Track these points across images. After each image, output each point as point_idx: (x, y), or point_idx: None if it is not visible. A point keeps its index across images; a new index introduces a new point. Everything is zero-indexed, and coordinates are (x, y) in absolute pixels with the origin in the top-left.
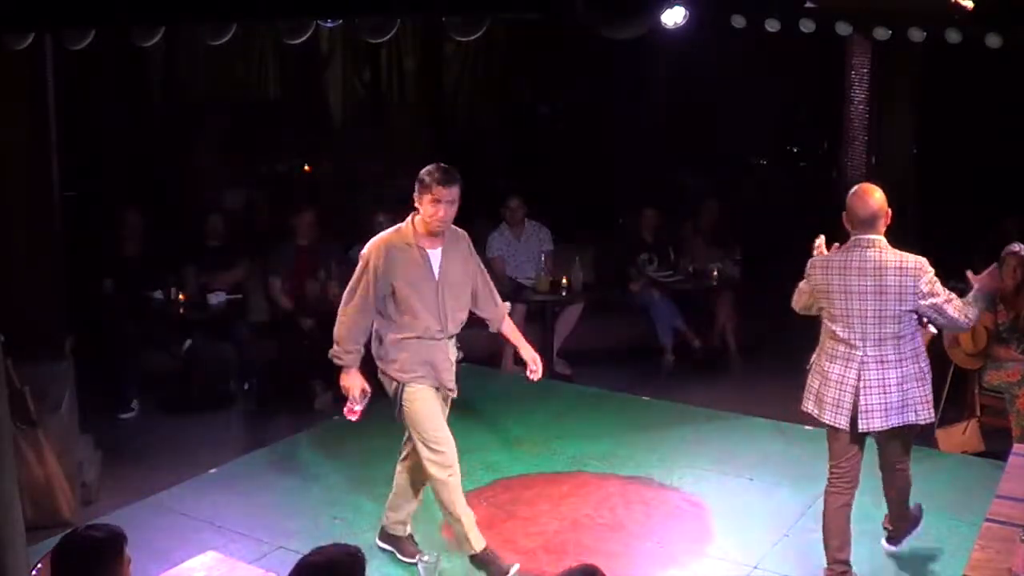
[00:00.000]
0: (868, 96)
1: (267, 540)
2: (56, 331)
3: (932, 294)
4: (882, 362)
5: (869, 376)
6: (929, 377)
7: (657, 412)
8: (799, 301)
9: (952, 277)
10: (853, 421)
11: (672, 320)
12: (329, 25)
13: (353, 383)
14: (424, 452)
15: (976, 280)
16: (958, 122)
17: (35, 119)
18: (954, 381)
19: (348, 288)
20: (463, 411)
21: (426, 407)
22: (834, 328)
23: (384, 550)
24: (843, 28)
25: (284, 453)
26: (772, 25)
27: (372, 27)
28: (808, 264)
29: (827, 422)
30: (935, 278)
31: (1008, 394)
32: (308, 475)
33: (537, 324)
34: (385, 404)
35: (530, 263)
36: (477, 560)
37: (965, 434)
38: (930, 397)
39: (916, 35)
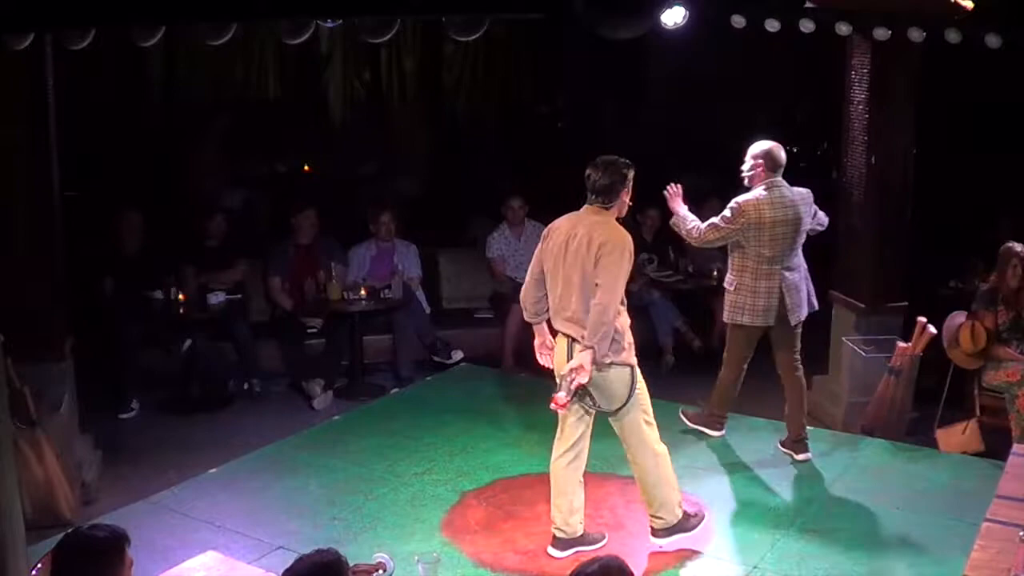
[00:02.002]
0: (868, 96)
1: (267, 540)
2: (56, 331)
3: (816, 209)
4: (791, 269)
5: (787, 282)
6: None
7: (657, 412)
8: (708, 236)
9: (952, 276)
10: (780, 318)
11: (672, 320)
12: (329, 25)
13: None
14: (648, 431)
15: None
16: (958, 122)
17: (35, 119)
18: (954, 381)
19: (619, 287)
20: (463, 411)
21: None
22: (763, 251)
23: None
24: (843, 28)
25: (284, 453)
26: (772, 25)
27: (372, 27)
28: (735, 210)
29: (759, 325)
30: None
31: (1008, 394)
32: (308, 475)
33: None
34: (383, 405)
35: (530, 263)
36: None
37: (965, 434)
38: (813, 290)
39: (916, 35)
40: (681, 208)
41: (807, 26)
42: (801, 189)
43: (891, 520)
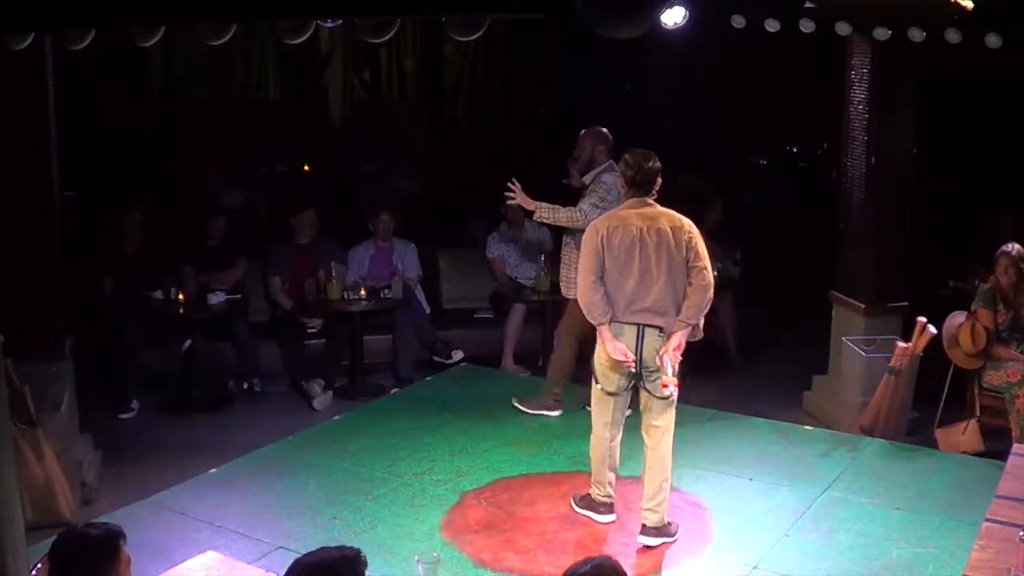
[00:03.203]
0: (868, 96)
1: (267, 540)
2: (56, 331)
3: None
4: None
5: None
6: None
7: None
8: (593, 216)
9: (952, 276)
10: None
11: None
12: (329, 25)
13: None
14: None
15: None
16: (958, 121)
17: (35, 119)
18: (954, 381)
19: None
20: (463, 411)
21: None
22: None
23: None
24: (843, 28)
25: (284, 453)
26: (772, 25)
27: (372, 27)
28: (607, 187)
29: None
30: None
31: (1008, 394)
32: (308, 475)
33: (537, 324)
34: (383, 404)
35: (530, 263)
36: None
37: (965, 434)
38: None
39: (916, 35)
40: (534, 202)
41: (807, 26)
42: None
43: (891, 520)
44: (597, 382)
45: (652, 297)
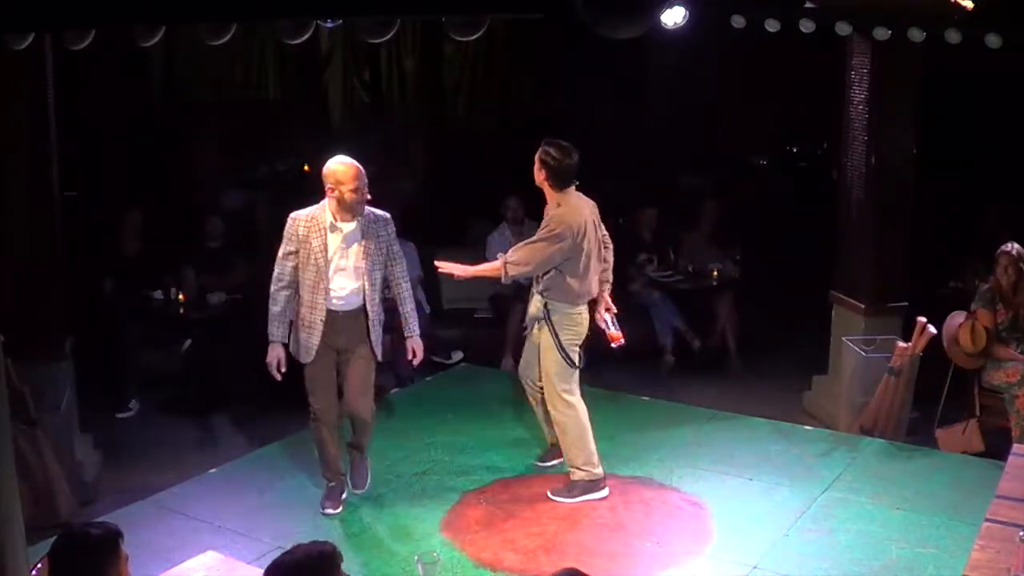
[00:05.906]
0: (868, 96)
1: (267, 540)
2: (56, 331)
3: None
4: None
5: None
6: None
7: (657, 412)
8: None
9: (952, 276)
10: None
11: (672, 320)
12: (329, 25)
13: None
14: None
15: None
16: (958, 121)
17: (35, 119)
18: (954, 381)
19: None
20: (463, 411)
21: None
22: None
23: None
24: (843, 28)
25: (284, 453)
26: (772, 25)
27: (372, 27)
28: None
29: None
30: None
31: (1008, 394)
32: (308, 475)
33: None
34: (383, 404)
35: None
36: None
37: (965, 434)
38: None
39: (916, 35)
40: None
41: (807, 26)
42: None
43: (891, 520)
44: (576, 365)
45: (600, 276)
